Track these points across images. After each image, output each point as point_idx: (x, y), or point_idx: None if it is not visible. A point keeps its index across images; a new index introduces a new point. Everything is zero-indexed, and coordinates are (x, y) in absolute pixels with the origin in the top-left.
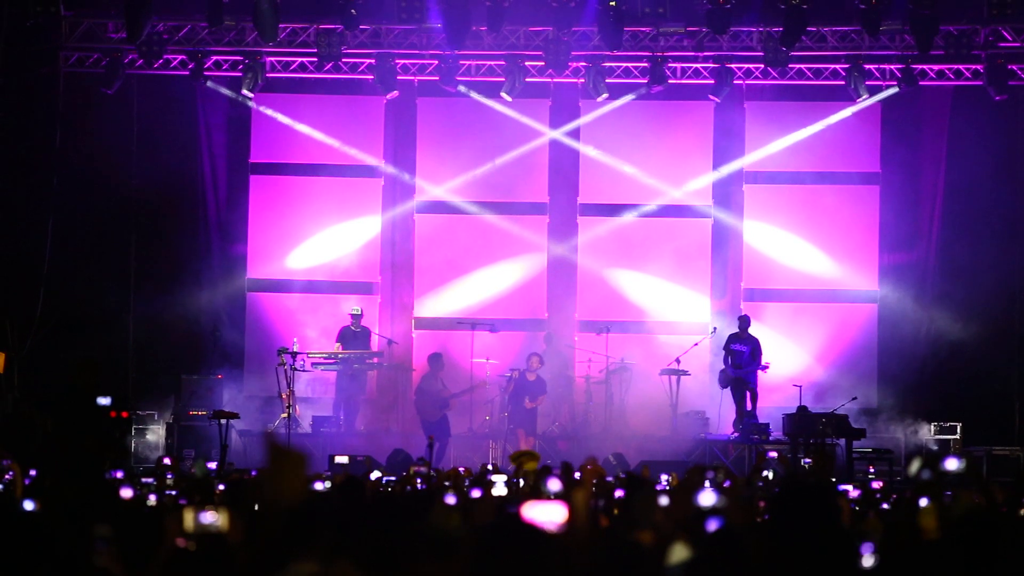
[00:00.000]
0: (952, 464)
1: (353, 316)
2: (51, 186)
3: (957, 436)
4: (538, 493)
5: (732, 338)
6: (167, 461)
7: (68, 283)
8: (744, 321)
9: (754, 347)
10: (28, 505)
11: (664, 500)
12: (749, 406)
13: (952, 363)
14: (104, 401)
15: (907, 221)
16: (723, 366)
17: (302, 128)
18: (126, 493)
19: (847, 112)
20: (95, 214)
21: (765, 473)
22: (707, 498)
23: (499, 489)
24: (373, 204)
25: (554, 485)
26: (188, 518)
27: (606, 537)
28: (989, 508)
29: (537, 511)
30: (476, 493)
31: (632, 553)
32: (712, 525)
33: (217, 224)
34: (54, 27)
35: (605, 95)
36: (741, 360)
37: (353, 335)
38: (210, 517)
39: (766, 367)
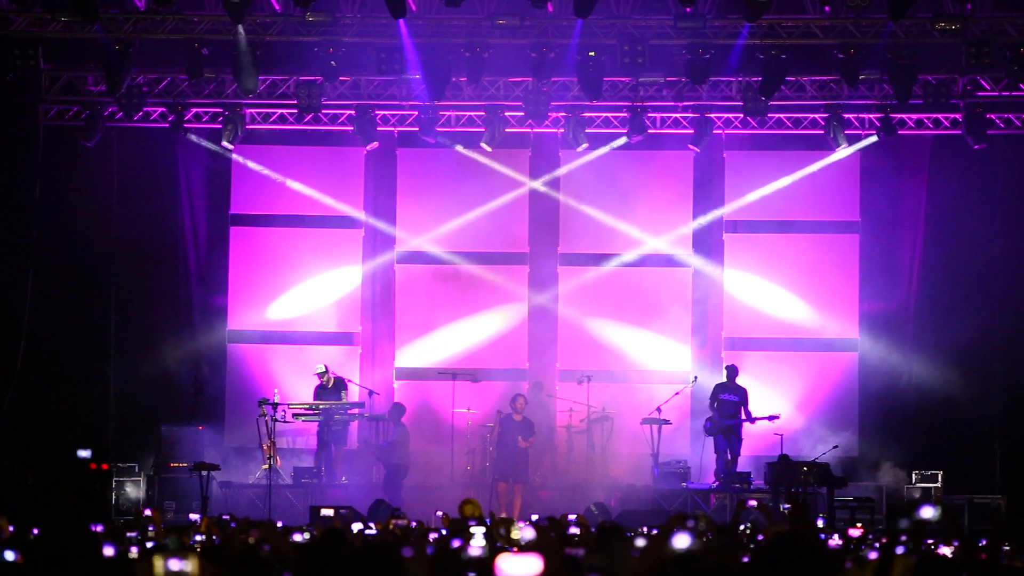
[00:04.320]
0: (927, 512)
1: (319, 375)
2: (31, 238)
3: (938, 484)
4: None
5: (720, 388)
6: (148, 513)
7: (48, 335)
8: (732, 371)
9: (742, 397)
10: (9, 555)
11: (640, 542)
12: (729, 456)
13: (933, 411)
14: (84, 453)
15: (887, 270)
16: (710, 414)
17: (282, 180)
18: (108, 551)
19: (826, 161)
20: (75, 266)
21: (743, 527)
22: (681, 541)
23: (478, 540)
24: (353, 255)
25: (527, 533)
26: (158, 565)
27: None
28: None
29: (511, 564)
30: (456, 543)
31: None
32: None
33: (197, 276)
34: (33, 80)
35: (585, 145)
36: (731, 410)
37: (328, 391)
38: (180, 563)
39: (776, 417)
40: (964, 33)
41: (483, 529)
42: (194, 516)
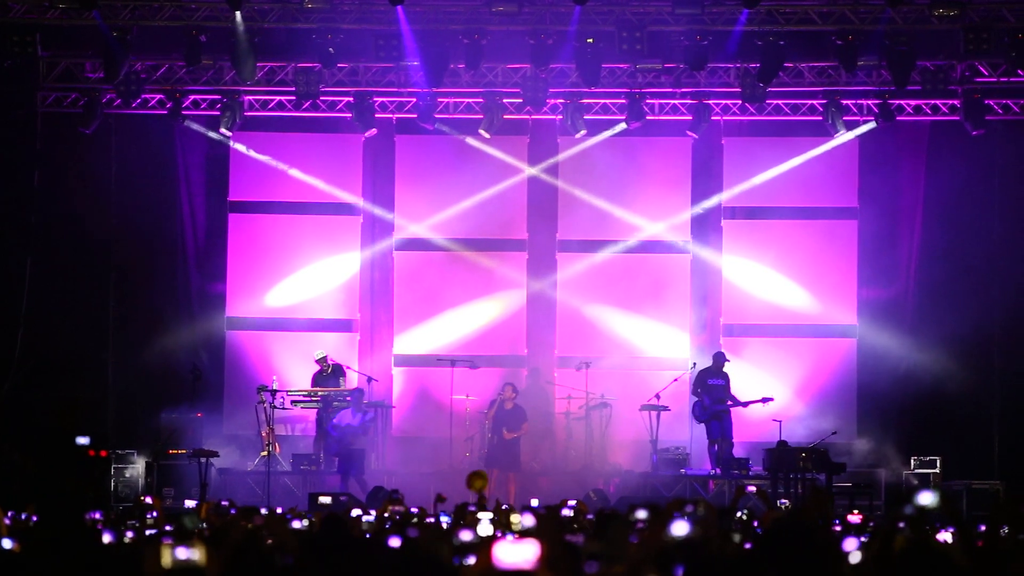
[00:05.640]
0: (927, 498)
1: (319, 361)
2: (29, 226)
3: (937, 470)
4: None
5: (707, 373)
6: (148, 500)
7: (47, 323)
8: (720, 357)
9: (727, 381)
10: (6, 543)
11: (641, 513)
12: (722, 441)
13: (931, 397)
14: (83, 441)
15: (885, 256)
16: (696, 399)
17: (281, 166)
18: (106, 538)
19: (825, 147)
20: (74, 254)
21: (740, 514)
22: (680, 528)
23: (484, 527)
24: (352, 242)
25: (527, 520)
26: (166, 553)
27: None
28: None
29: (507, 551)
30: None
31: None
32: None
33: (196, 263)
34: (31, 67)
35: (583, 131)
36: (721, 394)
37: (326, 378)
38: (187, 552)
39: (770, 399)
40: (962, 19)
41: (490, 515)
42: (191, 502)
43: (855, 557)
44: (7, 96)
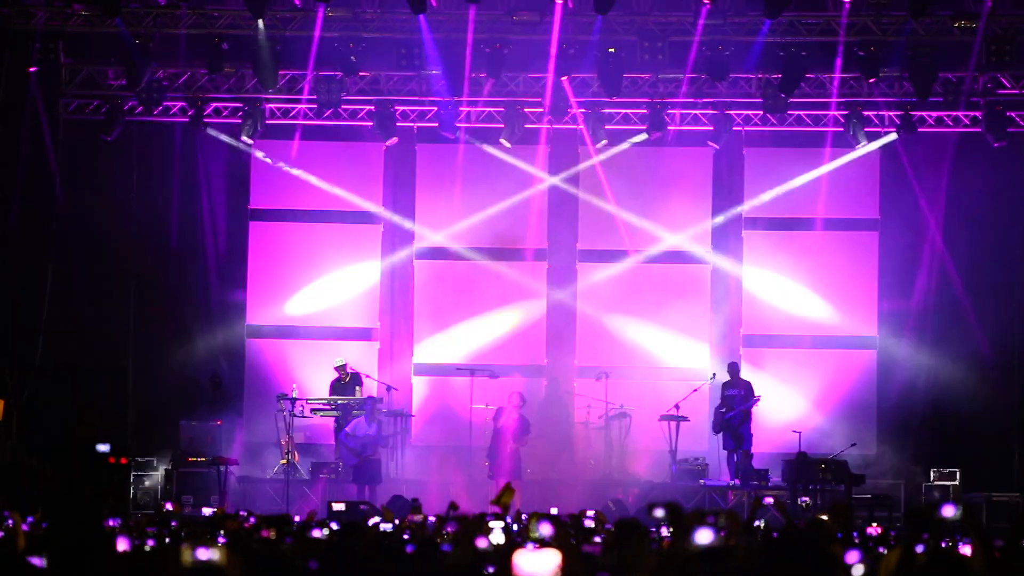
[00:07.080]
0: (949, 511)
1: (338, 368)
2: (50, 233)
3: (956, 482)
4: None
5: (725, 385)
6: (169, 507)
7: (68, 330)
8: (733, 368)
9: (747, 390)
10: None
11: (659, 512)
12: (737, 450)
13: (951, 409)
14: (103, 448)
15: (906, 268)
16: (719, 411)
17: (302, 175)
18: (122, 545)
19: (846, 159)
20: (94, 261)
21: (757, 523)
22: (704, 536)
23: (497, 536)
24: (372, 250)
25: (545, 529)
26: (186, 554)
27: None
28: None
29: (528, 560)
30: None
31: None
32: None
33: (216, 270)
34: (54, 74)
35: (604, 141)
36: (734, 403)
37: (344, 386)
38: (208, 554)
39: (757, 399)
40: (984, 31)
41: (502, 524)
42: (208, 511)
43: (858, 570)
44: (29, 103)
